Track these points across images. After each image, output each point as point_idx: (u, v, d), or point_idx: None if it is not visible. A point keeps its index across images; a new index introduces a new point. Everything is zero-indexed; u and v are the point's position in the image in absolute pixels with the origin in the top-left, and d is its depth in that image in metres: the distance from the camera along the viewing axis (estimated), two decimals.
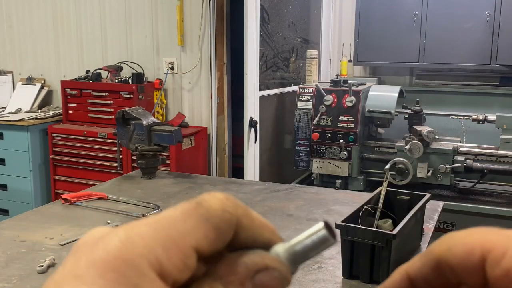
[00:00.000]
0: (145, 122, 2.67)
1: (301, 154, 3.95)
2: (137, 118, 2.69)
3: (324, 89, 3.72)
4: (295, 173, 4.13)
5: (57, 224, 2.05)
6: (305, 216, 2.19)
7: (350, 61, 4.52)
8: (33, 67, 5.05)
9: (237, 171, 4.37)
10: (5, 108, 4.87)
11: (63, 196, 2.30)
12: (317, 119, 3.73)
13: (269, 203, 2.35)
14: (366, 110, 3.69)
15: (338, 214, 2.11)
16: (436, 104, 4.32)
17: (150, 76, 4.50)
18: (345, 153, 3.67)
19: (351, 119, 3.66)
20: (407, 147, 3.47)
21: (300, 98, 3.90)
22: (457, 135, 3.93)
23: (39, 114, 4.68)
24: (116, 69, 4.44)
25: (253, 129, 3.61)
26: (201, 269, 0.30)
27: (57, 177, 4.44)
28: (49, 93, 5.00)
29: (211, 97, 4.31)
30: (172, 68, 4.45)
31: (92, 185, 2.89)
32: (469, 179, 3.59)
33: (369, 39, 4.32)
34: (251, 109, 3.60)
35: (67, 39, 4.86)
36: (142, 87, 4.27)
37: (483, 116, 3.54)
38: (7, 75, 5.14)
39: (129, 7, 4.56)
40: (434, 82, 4.48)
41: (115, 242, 0.28)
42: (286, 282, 0.32)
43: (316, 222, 0.33)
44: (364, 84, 3.94)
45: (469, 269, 0.32)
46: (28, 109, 4.82)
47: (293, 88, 4.19)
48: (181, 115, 4.37)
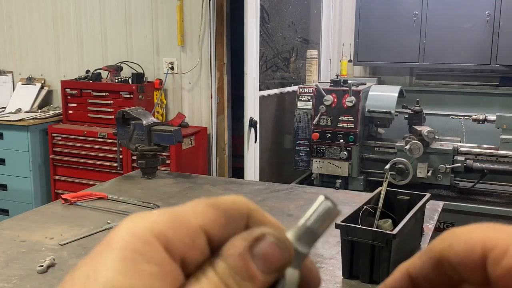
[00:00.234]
0: (145, 122, 2.67)
1: (301, 154, 3.95)
2: (137, 118, 2.69)
3: (324, 89, 3.72)
4: (295, 173, 4.13)
5: (57, 224, 2.05)
6: None
7: (350, 61, 4.52)
8: (33, 67, 5.05)
9: (237, 171, 4.37)
10: (5, 108, 4.87)
11: (63, 196, 2.30)
12: (317, 119, 3.73)
13: (269, 203, 2.35)
14: (366, 110, 3.69)
15: (339, 215, 2.10)
16: (436, 104, 4.32)
17: (150, 76, 4.50)
18: (345, 153, 3.67)
19: (351, 119, 3.66)
20: (407, 147, 3.47)
21: (300, 98, 3.90)
22: (457, 135, 3.93)
23: (39, 114, 4.68)
24: (116, 69, 4.44)
25: (253, 129, 3.61)
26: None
27: (57, 177, 4.44)
28: (49, 93, 5.00)
29: (211, 97, 4.31)
30: (172, 68, 4.45)
31: (92, 185, 2.89)
32: (469, 179, 3.59)
33: (369, 39, 4.32)
34: (251, 109, 3.60)
35: (67, 39, 4.86)
36: (142, 87, 4.27)
37: (483, 116, 3.54)
38: (7, 75, 5.14)
39: (129, 7, 4.56)
40: (434, 82, 4.48)
41: (127, 222, 0.30)
42: (285, 249, 0.31)
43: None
44: (364, 84, 3.93)
45: (470, 266, 0.32)
46: (28, 109, 4.82)
47: (293, 88, 4.19)
48: (181, 115, 4.37)
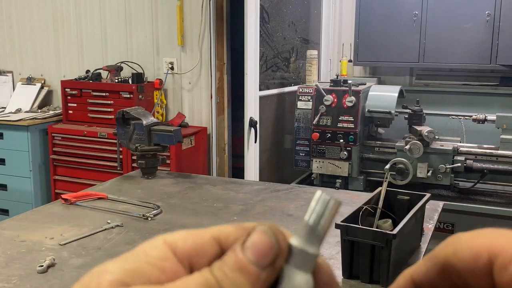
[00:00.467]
0: (145, 122, 2.67)
1: (301, 154, 3.95)
2: (137, 118, 2.69)
3: (324, 89, 3.71)
4: (295, 173, 4.13)
5: (57, 224, 2.05)
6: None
7: (350, 61, 4.52)
8: (33, 67, 5.05)
9: (237, 171, 4.37)
10: (5, 108, 4.87)
11: (63, 196, 2.30)
12: (317, 119, 3.73)
13: (269, 203, 2.35)
14: (366, 110, 3.68)
15: (338, 214, 2.10)
16: (436, 104, 4.32)
17: (150, 76, 4.50)
18: (345, 153, 3.67)
19: (351, 119, 3.66)
20: (407, 147, 3.47)
21: (300, 98, 3.90)
22: (457, 135, 3.93)
23: (39, 114, 4.68)
24: (116, 69, 4.44)
25: (253, 129, 3.60)
26: None
27: (57, 177, 4.44)
28: (49, 93, 5.00)
29: (211, 97, 4.30)
30: (172, 68, 4.45)
31: (92, 185, 2.89)
32: (469, 179, 3.59)
33: (369, 39, 4.32)
34: (251, 109, 3.60)
35: (67, 39, 4.86)
36: (142, 87, 4.27)
37: (483, 116, 3.53)
38: (7, 75, 5.14)
39: (129, 7, 4.56)
40: (434, 82, 4.48)
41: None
42: (273, 236, 0.31)
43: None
44: (364, 84, 3.93)
45: (476, 273, 0.31)
46: (28, 109, 4.82)
47: (293, 88, 4.19)
48: (181, 115, 4.37)
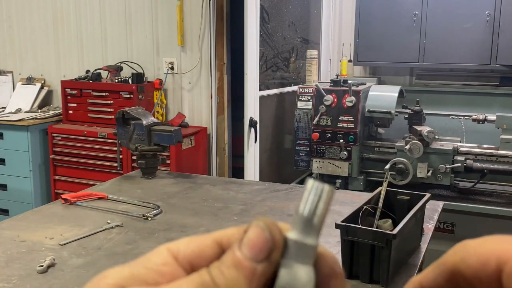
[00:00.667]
0: (145, 122, 2.67)
1: (301, 154, 3.95)
2: (137, 118, 2.69)
3: (324, 89, 3.71)
4: (295, 173, 4.13)
5: (57, 224, 2.05)
6: None
7: (350, 61, 4.52)
8: (33, 67, 5.05)
9: (237, 171, 4.36)
10: (5, 108, 4.86)
11: (63, 196, 2.30)
12: (317, 119, 3.72)
13: (269, 203, 2.35)
14: (366, 110, 3.68)
15: (338, 214, 2.11)
16: (436, 104, 4.32)
17: (150, 76, 4.50)
18: (345, 153, 3.67)
19: (351, 119, 3.66)
20: (407, 147, 3.47)
21: (300, 98, 3.90)
22: (457, 135, 3.93)
23: (39, 114, 4.68)
24: (116, 69, 4.44)
25: (253, 129, 3.60)
26: None
27: (57, 177, 4.44)
28: (49, 93, 5.00)
29: (211, 97, 4.30)
30: (172, 68, 4.45)
31: (92, 185, 2.89)
32: (469, 179, 3.59)
33: (369, 39, 4.32)
34: (251, 109, 3.60)
35: (67, 39, 4.86)
36: (142, 87, 4.27)
37: (483, 116, 3.53)
38: (7, 75, 5.14)
39: (129, 7, 4.56)
40: (434, 82, 4.48)
41: None
42: (266, 228, 0.31)
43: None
44: (364, 84, 3.93)
45: (485, 280, 0.31)
46: (28, 109, 4.81)
47: (293, 88, 4.19)
48: (181, 115, 4.37)
